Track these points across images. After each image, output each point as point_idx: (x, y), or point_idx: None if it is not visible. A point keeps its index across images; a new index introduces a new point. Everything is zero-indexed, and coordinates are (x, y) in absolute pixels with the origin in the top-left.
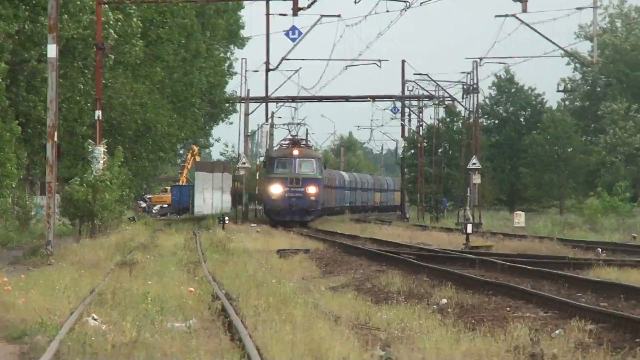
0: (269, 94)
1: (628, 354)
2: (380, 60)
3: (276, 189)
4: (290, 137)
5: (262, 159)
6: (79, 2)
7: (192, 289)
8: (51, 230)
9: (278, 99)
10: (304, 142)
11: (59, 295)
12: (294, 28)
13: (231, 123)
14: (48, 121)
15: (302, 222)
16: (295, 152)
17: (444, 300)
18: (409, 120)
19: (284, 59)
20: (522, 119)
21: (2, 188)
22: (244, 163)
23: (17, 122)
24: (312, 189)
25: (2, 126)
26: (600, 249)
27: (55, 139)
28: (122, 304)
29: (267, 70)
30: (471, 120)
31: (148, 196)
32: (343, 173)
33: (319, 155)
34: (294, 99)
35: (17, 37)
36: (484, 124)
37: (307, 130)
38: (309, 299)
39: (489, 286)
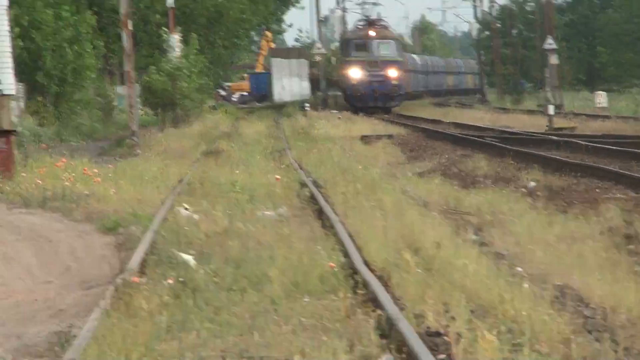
0: None
1: None
2: None
3: (355, 74)
4: (365, 18)
5: (336, 44)
6: None
7: (278, 177)
8: (135, 120)
9: None
10: (380, 23)
11: (148, 185)
12: None
13: (302, 8)
14: (121, 9)
15: (386, 108)
16: (372, 33)
17: (532, 183)
18: (481, 1)
19: None
20: None
21: (82, 79)
22: (319, 48)
23: (91, 12)
24: (393, 72)
25: (77, 17)
26: None
27: (130, 27)
28: (211, 193)
29: None
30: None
31: (227, 84)
32: (415, 56)
33: (398, 37)
34: None
35: None
36: (558, 2)
37: (378, 13)
38: (396, 184)
39: (577, 168)
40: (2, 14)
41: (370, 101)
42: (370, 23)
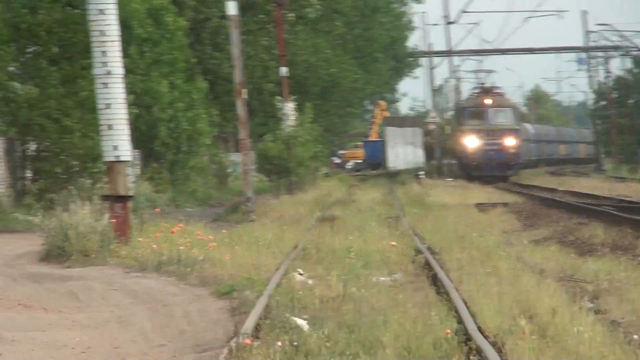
0: (451, 47)
1: None
2: (560, 11)
3: (471, 142)
4: (481, 85)
5: (450, 112)
6: None
7: (393, 243)
8: (250, 186)
9: (461, 52)
10: (496, 90)
11: (263, 251)
12: None
13: (416, 77)
14: (235, 78)
15: (503, 176)
16: (489, 101)
17: None
18: (597, 71)
19: (463, 11)
20: None
21: (197, 146)
22: (434, 117)
23: (204, 79)
24: (510, 141)
25: (190, 84)
26: None
27: (244, 95)
28: (326, 258)
29: (448, 22)
30: None
31: (341, 152)
32: (527, 125)
33: (515, 104)
34: (477, 52)
35: None
36: None
37: (492, 82)
38: (511, 251)
39: None
40: (119, 82)
41: (487, 170)
42: (485, 91)
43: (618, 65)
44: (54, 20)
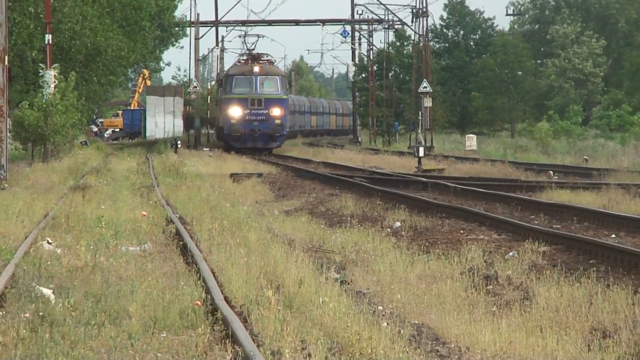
0: (219, 18)
1: (582, 275)
2: None
3: (235, 112)
4: (248, 52)
5: (213, 83)
6: None
7: (144, 213)
8: (4, 154)
9: (228, 23)
10: (265, 57)
11: (12, 219)
12: None
13: (182, 47)
14: None
15: (266, 149)
16: (256, 68)
17: (398, 224)
18: (359, 44)
19: None
20: (472, 43)
21: None
22: (195, 87)
23: None
24: (277, 111)
25: None
26: (552, 172)
27: (6, 62)
28: (76, 228)
29: None
30: (421, 44)
31: (100, 120)
32: (302, 98)
33: (283, 73)
34: (244, 23)
35: None
36: (435, 47)
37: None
38: (262, 222)
39: (442, 209)
40: None
41: (250, 141)
42: (253, 58)
43: (381, 39)
44: None
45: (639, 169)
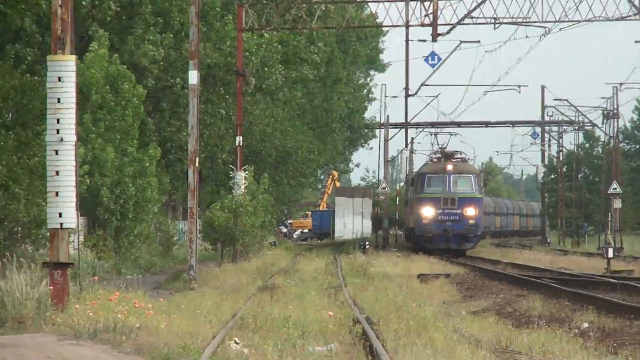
0: (408, 120)
1: None
2: (519, 86)
3: (427, 212)
4: (441, 149)
5: (401, 184)
6: (220, 31)
7: (331, 313)
8: (194, 254)
9: (417, 125)
10: (459, 155)
11: (201, 320)
12: (433, 54)
13: (371, 149)
14: (189, 146)
15: (459, 250)
16: (450, 166)
17: (586, 324)
18: (549, 146)
19: (423, 84)
20: None
21: (144, 213)
22: (384, 188)
23: (157, 147)
24: (471, 211)
25: (141, 151)
26: None
27: (197, 164)
28: (263, 328)
29: (407, 95)
30: (611, 145)
31: (289, 221)
32: (487, 198)
33: (478, 171)
34: (433, 125)
35: (161, 62)
36: (625, 149)
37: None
38: (449, 323)
39: (631, 310)
40: (70, 149)
41: (442, 242)
42: (447, 155)
43: (570, 140)
44: (11, 87)
45: None
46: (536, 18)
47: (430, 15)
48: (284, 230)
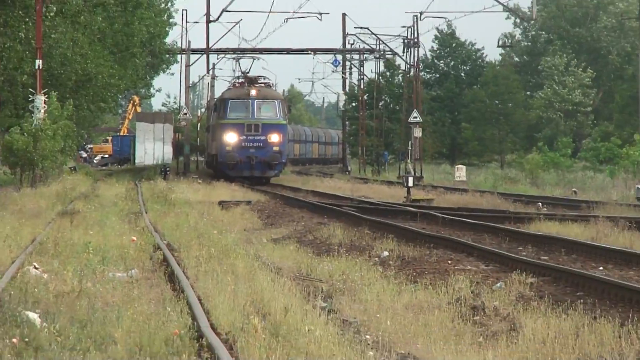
0: (210, 45)
1: (569, 307)
2: (320, 14)
3: (230, 138)
4: (244, 74)
5: (203, 110)
6: None
7: (133, 239)
8: None
9: (219, 51)
10: (262, 80)
11: None
12: None
13: (172, 74)
14: None
15: (264, 178)
16: (253, 92)
17: (386, 253)
18: (350, 74)
19: (224, 10)
20: (462, 74)
21: None
22: (185, 114)
23: None
24: (275, 138)
25: None
26: (540, 204)
27: None
28: (63, 253)
29: (208, 21)
30: (412, 74)
31: (89, 146)
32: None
33: (282, 97)
34: (235, 51)
35: None
36: (425, 78)
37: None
38: (250, 250)
39: (430, 239)
40: None
41: (246, 170)
42: (250, 81)
43: (372, 68)
44: None
45: (627, 202)
46: None
47: None
48: (84, 155)
